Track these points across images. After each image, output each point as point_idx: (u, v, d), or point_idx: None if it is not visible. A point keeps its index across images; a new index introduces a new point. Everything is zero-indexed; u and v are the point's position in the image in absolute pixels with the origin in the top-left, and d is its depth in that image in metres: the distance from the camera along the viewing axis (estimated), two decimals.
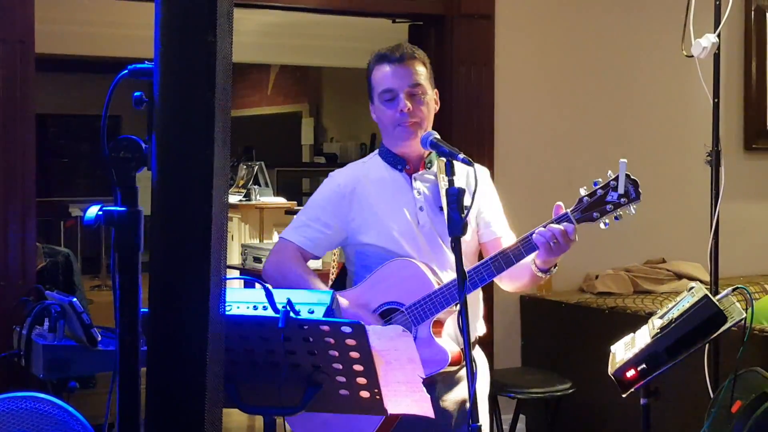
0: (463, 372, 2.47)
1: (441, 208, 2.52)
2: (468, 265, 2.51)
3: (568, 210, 2.38)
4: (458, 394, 2.48)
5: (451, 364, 2.43)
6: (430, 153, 2.56)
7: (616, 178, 2.37)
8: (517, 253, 2.37)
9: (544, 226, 2.35)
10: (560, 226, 2.33)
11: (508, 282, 2.55)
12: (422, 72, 2.53)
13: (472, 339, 2.57)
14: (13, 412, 1.98)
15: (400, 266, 2.48)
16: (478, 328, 2.60)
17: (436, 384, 2.45)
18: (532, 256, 2.39)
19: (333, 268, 4.29)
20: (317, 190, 2.65)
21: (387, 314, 2.46)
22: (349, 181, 2.58)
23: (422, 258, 2.49)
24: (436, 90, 2.59)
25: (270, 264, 2.59)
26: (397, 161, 2.57)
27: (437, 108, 2.59)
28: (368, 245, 2.54)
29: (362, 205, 2.55)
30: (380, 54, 2.55)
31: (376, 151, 2.65)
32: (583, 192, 2.39)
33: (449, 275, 2.47)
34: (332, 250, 2.68)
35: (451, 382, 2.48)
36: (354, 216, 2.55)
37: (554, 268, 2.43)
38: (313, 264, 2.75)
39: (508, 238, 2.60)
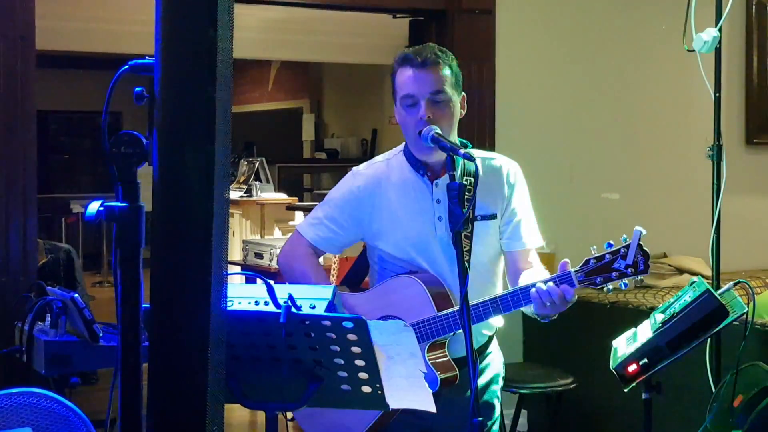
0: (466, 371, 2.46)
1: None
2: (487, 272, 2.52)
3: (572, 270, 2.34)
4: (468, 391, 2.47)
5: (445, 385, 2.42)
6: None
7: (628, 246, 2.31)
8: (516, 301, 2.37)
9: (545, 283, 2.32)
10: (558, 289, 2.30)
11: None
12: (447, 76, 2.42)
13: (490, 334, 2.58)
14: (12, 408, 1.98)
15: (405, 284, 2.46)
16: (494, 323, 2.57)
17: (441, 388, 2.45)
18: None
19: (334, 264, 4.30)
20: (337, 185, 2.62)
21: None
22: (369, 185, 2.53)
23: (436, 269, 2.48)
24: (463, 94, 2.49)
25: (282, 255, 2.66)
26: (419, 166, 2.51)
27: (464, 113, 2.50)
28: (383, 250, 2.53)
29: (380, 211, 2.52)
30: (404, 56, 2.45)
31: (402, 147, 2.57)
32: (593, 251, 2.34)
33: (458, 286, 2.46)
34: (348, 247, 2.67)
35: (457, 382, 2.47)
36: (371, 221, 2.53)
37: (555, 316, 2.39)
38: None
39: (533, 252, 2.56)
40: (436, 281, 2.46)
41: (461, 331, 2.41)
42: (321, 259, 3.72)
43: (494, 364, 2.61)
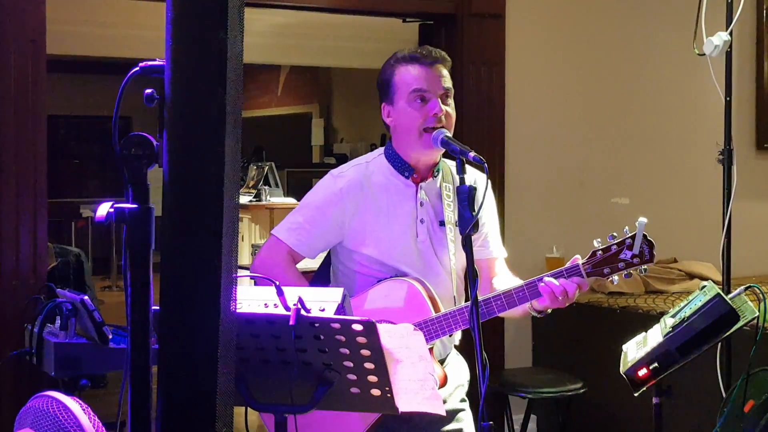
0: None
1: (441, 223, 2.50)
2: (464, 277, 2.50)
3: (581, 263, 2.36)
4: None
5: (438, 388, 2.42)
6: (439, 162, 2.53)
7: (633, 237, 2.35)
8: (522, 297, 2.37)
9: (555, 277, 2.34)
10: (570, 281, 2.33)
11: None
12: (449, 77, 2.49)
13: (452, 347, 2.57)
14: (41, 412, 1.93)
15: (398, 287, 2.43)
16: (455, 337, 2.58)
17: None
18: None
19: None
20: (315, 188, 2.56)
21: None
22: (350, 186, 2.49)
23: (416, 272, 2.46)
24: None
25: (260, 262, 2.53)
26: (404, 168, 2.49)
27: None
28: (362, 254, 2.49)
29: (361, 213, 2.48)
30: (410, 54, 2.47)
31: (382, 150, 2.56)
32: (597, 245, 2.37)
33: (439, 290, 2.46)
34: (323, 252, 2.60)
35: None
36: (352, 224, 2.48)
37: (550, 310, 2.41)
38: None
39: (501, 261, 2.60)
40: (424, 284, 2.45)
41: (459, 332, 2.43)
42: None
43: (459, 372, 2.59)
